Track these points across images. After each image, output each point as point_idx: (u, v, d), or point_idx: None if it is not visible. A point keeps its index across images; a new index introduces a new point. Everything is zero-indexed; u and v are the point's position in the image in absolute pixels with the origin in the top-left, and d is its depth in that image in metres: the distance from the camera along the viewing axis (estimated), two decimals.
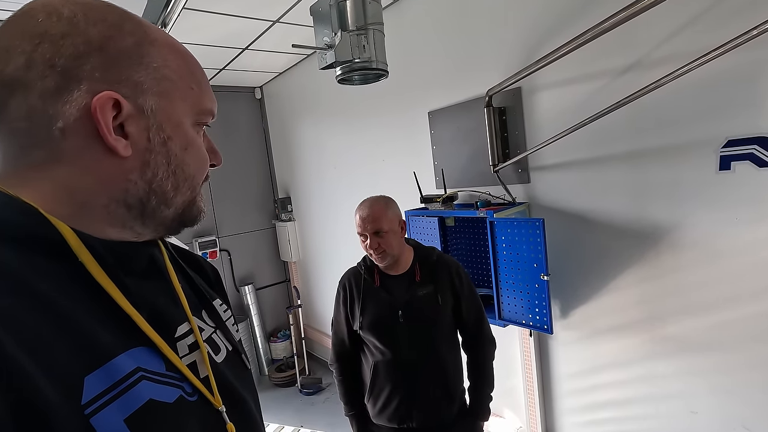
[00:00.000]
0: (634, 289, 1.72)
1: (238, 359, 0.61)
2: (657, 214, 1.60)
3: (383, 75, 1.37)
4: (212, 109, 0.55)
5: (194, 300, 0.59)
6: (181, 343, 0.51)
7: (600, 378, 1.91)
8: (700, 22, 1.40)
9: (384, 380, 1.49)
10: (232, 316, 0.68)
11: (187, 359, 0.50)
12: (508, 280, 1.87)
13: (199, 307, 0.59)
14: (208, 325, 0.59)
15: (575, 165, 1.82)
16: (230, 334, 0.62)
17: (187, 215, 0.53)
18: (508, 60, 1.97)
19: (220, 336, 0.60)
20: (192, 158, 0.52)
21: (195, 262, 0.69)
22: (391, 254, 1.47)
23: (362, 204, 1.50)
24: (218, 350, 0.58)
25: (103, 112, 0.43)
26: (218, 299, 0.66)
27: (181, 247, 0.69)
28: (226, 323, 0.64)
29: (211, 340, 0.57)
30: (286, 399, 3.72)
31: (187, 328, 0.53)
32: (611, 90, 1.64)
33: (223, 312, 0.65)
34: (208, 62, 3.29)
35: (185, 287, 0.59)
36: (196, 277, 0.65)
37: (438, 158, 2.44)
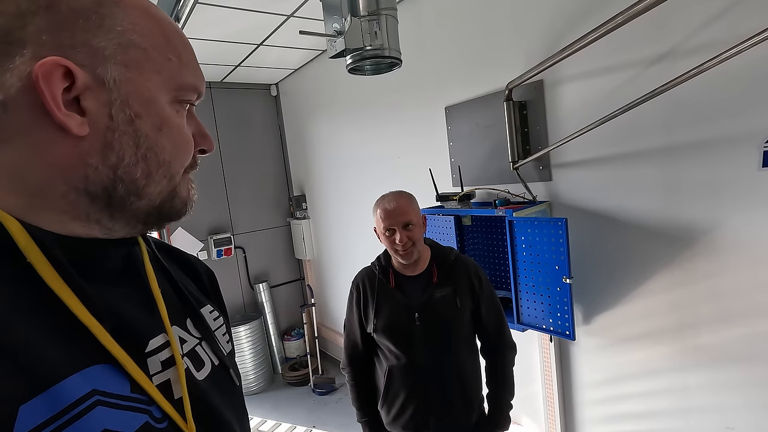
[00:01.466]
0: (664, 294, 1.61)
1: (225, 375, 0.55)
2: (691, 214, 1.48)
3: (396, 64, 1.29)
4: (196, 86, 0.48)
5: (178, 307, 0.53)
6: (153, 358, 0.44)
7: (625, 388, 1.80)
8: (740, 5, 1.29)
9: (399, 386, 1.42)
10: (224, 325, 0.62)
11: (160, 377, 0.44)
12: (528, 282, 1.78)
13: (182, 316, 0.53)
14: (192, 335, 0.53)
15: (601, 162, 1.71)
16: (218, 346, 0.56)
17: (166, 208, 0.46)
18: (529, 51, 1.88)
19: (206, 348, 0.53)
20: (168, 141, 0.44)
21: (186, 264, 0.64)
22: (418, 249, 1.40)
23: (383, 199, 1.42)
24: (201, 365, 0.51)
25: (49, 82, 0.36)
26: (209, 306, 0.60)
27: (171, 246, 0.63)
28: (216, 333, 0.57)
29: (195, 354, 0.51)
30: (299, 398, 3.69)
31: (162, 341, 0.46)
32: (641, 82, 1.53)
33: (213, 320, 0.59)
34: (223, 59, 3.28)
35: (168, 292, 0.52)
36: (184, 280, 0.59)
37: (455, 155, 2.36)
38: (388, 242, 1.40)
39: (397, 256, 1.41)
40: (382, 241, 1.44)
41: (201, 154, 0.51)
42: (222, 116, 3.96)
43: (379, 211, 1.40)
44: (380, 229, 1.40)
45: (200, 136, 0.50)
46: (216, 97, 3.93)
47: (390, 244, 1.39)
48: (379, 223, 1.40)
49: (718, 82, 1.35)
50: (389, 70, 1.34)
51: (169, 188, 0.46)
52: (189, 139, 0.48)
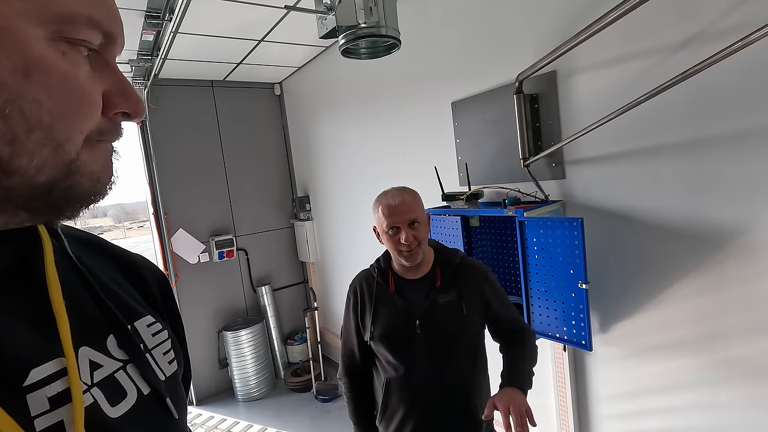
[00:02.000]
0: (689, 301, 1.47)
1: (157, 406, 0.44)
2: (721, 213, 1.35)
3: (395, 45, 1.18)
4: (93, 17, 0.35)
5: (96, 321, 0.42)
6: (36, 395, 0.33)
7: (645, 403, 1.66)
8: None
9: (398, 400, 1.30)
10: (169, 340, 0.50)
11: (47, 420, 0.33)
12: (540, 287, 1.65)
13: (101, 332, 0.42)
14: (113, 358, 0.42)
15: (619, 157, 1.58)
16: (151, 368, 0.45)
17: (62, 188, 0.35)
18: (540, 40, 1.76)
19: (132, 374, 0.43)
20: (46, 93, 0.33)
21: (126, 265, 0.53)
22: (423, 250, 1.28)
23: (385, 194, 1.30)
24: (120, 396, 0.40)
25: None
26: (149, 317, 0.49)
27: (103, 242, 0.52)
28: (154, 352, 0.47)
29: (111, 383, 0.40)
30: (301, 405, 3.59)
31: (54, 369, 0.35)
32: (664, 70, 1.40)
33: (151, 336, 0.48)
34: (225, 56, 3.21)
35: (83, 302, 0.42)
36: (117, 286, 0.48)
37: (462, 152, 2.24)
38: (391, 242, 1.27)
39: (400, 258, 1.28)
40: (383, 241, 1.32)
41: (125, 119, 0.40)
42: (225, 115, 3.89)
43: (381, 208, 1.27)
44: (382, 227, 1.28)
45: (119, 95, 0.38)
46: (218, 96, 3.86)
47: (393, 243, 1.26)
48: (381, 220, 1.27)
49: (750, 66, 1.22)
50: (387, 53, 1.23)
51: (59, 161, 0.34)
52: (87, 92, 0.36)
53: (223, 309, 3.92)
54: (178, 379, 0.50)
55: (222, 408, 3.69)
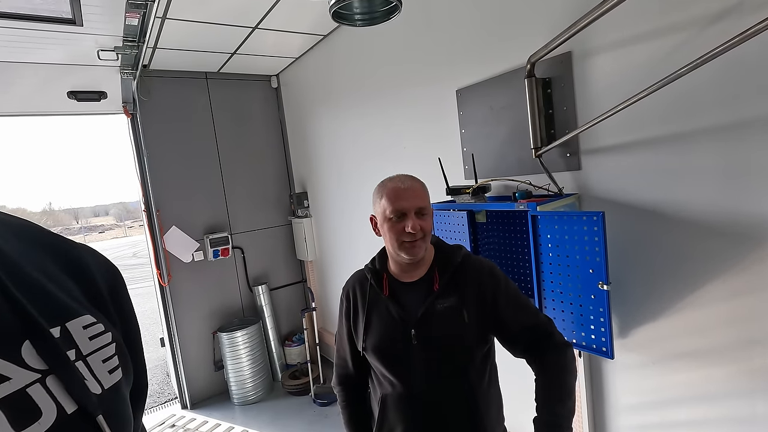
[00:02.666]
0: (723, 304, 1.32)
1: (85, 427, 0.37)
2: (762, 206, 1.20)
3: (396, 9, 1.03)
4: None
5: (7, 324, 0.36)
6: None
7: (670, 414, 1.51)
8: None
9: (395, 419, 1.15)
10: (113, 344, 0.43)
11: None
12: (555, 288, 1.51)
13: (11, 339, 0.36)
14: (27, 368, 0.35)
15: (643, 145, 1.43)
16: (79, 380, 0.38)
17: None
18: (553, 18, 1.61)
19: (53, 387, 0.36)
20: None
21: (68, 258, 0.46)
22: (426, 245, 1.13)
23: (391, 179, 1.14)
24: (33, 416, 0.34)
25: None
26: (87, 317, 0.42)
27: (44, 232, 0.46)
28: (89, 359, 0.40)
29: (20, 400, 0.34)
30: (299, 409, 3.45)
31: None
32: (697, 46, 1.26)
33: (88, 339, 0.41)
34: (218, 45, 3.06)
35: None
36: (52, 282, 0.42)
37: (467, 143, 2.10)
38: (393, 231, 1.10)
39: (401, 252, 1.12)
40: (382, 231, 1.15)
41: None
42: (219, 109, 3.75)
43: (386, 192, 1.11)
44: (384, 213, 1.11)
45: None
46: (213, 88, 3.72)
47: (396, 233, 1.10)
48: (384, 206, 1.10)
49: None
50: (386, 19, 1.08)
51: None
52: None
53: (218, 309, 3.79)
54: (121, 391, 0.43)
55: (217, 412, 3.56)
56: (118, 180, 44.36)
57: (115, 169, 65.91)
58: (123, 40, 2.49)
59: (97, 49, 2.58)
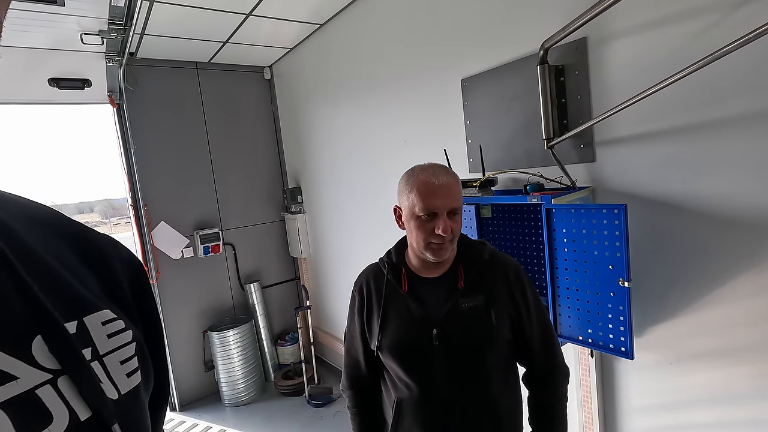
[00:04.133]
0: (748, 302, 1.26)
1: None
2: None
3: None
4: None
5: (18, 318, 0.33)
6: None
7: (689, 417, 1.46)
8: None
9: (411, 425, 1.07)
10: (134, 344, 0.40)
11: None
12: (570, 285, 1.44)
13: (21, 334, 0.32)
14: (38, 367, 0.32)
15: (664, 135, 1.37)
16: (94, 383, 0.34)
17: None
18: (568, 1, 1.53)
19: (64, 390, 0.33)
20: None
21: (90, 249, 0.43)
22: (453, 246, 1.05)
23: (424, 170, 1.02)
24: (41, 421, 0.30)
25: None
26: (106, 311, 0.39)
27: (67, 221, 0.43)
28: (106, 359, 0.37)
29: (29, 402, 0.30)
30: (292, 410, 3.36)
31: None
32: (723, 30, 1.19)
33: (107, 336, 0.38)
34: (209, 33, 2.94)
35: (2, 293, 0.33)
36: (70, 273, 0.39)
37: (472, 135, 2.02)
38: (421, 230, 1.00)
39: (426, 252, 1.03)
40: (408, 227, 1.05)
41: None
42: (210, 101, 3.62)
43: (418, 185, 1.00)
44: (413, 209, 1.00)
45: None
46: (203, 78, 3.58)
47: (424, 233, 1.00)
48: (414, 201, 1.00)
49: None
50: None
51: None
52: None
53: (208, 308, 3.66)
54: (139, 397, 0.40)
55: (207, 414, 3.44)
56: (104, 175, 42.66)
57: (100, 164, 64.23)
58: (108, 23, 2.35)
59: (80, 32, 2.44)
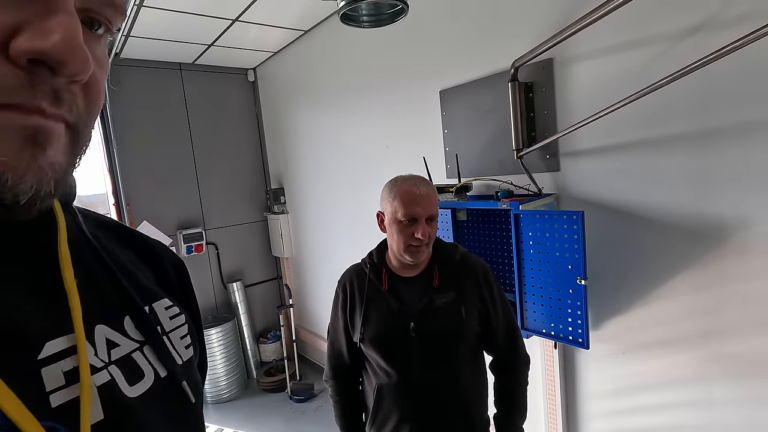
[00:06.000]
0: (687, 297, 1.44)
1: (175, 390, 0.43)
2: (722, 208, 1.32)
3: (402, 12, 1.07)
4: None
5: (111, 301, 0.42)
6: (51, 368, 0.32)
7: (638, 400, 1.63)
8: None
9: (390, 408, 1.20)
10: (186, 325, 0.49)
11: (64, 395, 0.32)
12: (535, 284, 1.59)
13: (117, 312, 0.42)
14: (129, 338, 0.41)
15: (618, 149, 1.53)
16: (168, 351, 0.44)
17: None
18: (537, 25, 1.69)
19: (148, 355, 0.42)
20: None
21: (143, 248, 0.52)
22: (429, 248, 1.19)
23: (406, 180, 1.16)
24: (138, 376, 0.40)
25: None
26: (165, 300, 0.48)
27: (120, 225, 0.51)
28: (171, 335, 0.46)
29: (129, 362, 0.40)
30: (274, 406, 3.44)
31: (67, 345, 0.34)
32: (668, 59, 1.36)
33: (168, 319, 0.47)
34: (195, 36, 2.99)
35: (98, 282, 0.41)
36: (136, 268, 0.48)
37: (449, 143, 2.16)
38: (402, 234, 1.13)
39: (405, 254, 1.16)
40: (390, 230, 1.18)
41: (53, 71, 0.27)
42: (194, 101, 3.66)
43: (400, 194, 1.13)
44: (396, 215, 1.13)
45: (29, 27, 0.26)
46: (187, 80, 3.62)
47: (404, 236, 1.13)
48: (397, 207, 1.13)
49: (758, 59, 1.18)
50: (391, 21, 1.12)
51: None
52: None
53: None
54: (194, 365, 0.49)
55: None
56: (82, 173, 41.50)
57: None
58: None
59: None
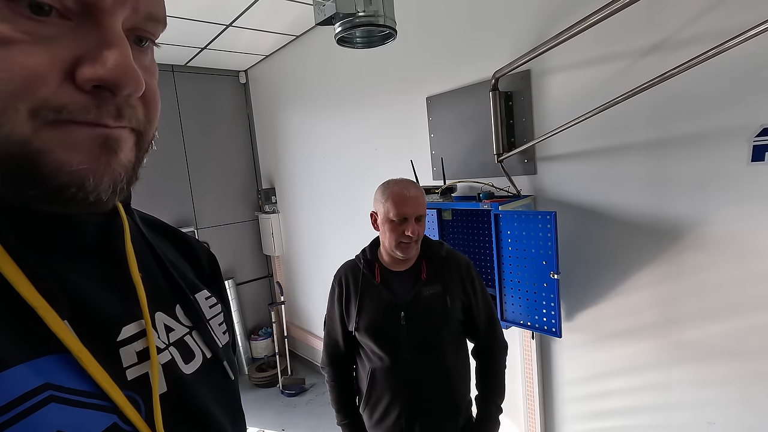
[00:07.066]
0: (649, 290, 1.59)
1: (219, 368, 0.50)
2: (679, 209, 1.47)
3: (391, 36, 1.19)
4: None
5: (166, 291, 0.48)
6: (127, 348, 0.39)
7: (607, 385, 1.78)
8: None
9: (382, 389, 1.32)
10: (222, 313, 0.56)
11: (137, 370, 0.39)
12: (513, 278, 1.73)
13: (171, 301, 0.48)
14: (181, 324, 0.47)
15: (588, 155, 1.68)
16: (212, 336, 0.50)
17: (13, 169, 0.30)
18: (516, 40, 1.82)
19: (197, 339, 0.48)
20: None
21: (183, 244, 0.58)
22: (419, 245, 1.32)
23: (397, 183, 1.28)
24: (191, 357, 0.46)
25: None
26: (205, 292, 0.54)
27: (164, 223, 0.58)
28: (211, 322, 0.52)
29: (183, 344, 0.46)
30: (266, 400, 3.53)
31: (138, 329, 0.40)
32: (631, 73, 1.50)
33: (208, 308, 0.53)
34: (188, 40, 3.06)
35: (154, 274, 0.47)
36: (178, 262, 0.54)
37: (436, 147, 2.28)
38: (394, 232, 1.26)
39: (397, 250, 1.29)
40: (382, 229, 1.30)
41: (112, 93, 0.33)
42: (186, 103, 3.72)
43: (392, 196, 1.25)
44: (388, 214, 1.25)
45: (90, 58, 0.31)
46: (179, 81, 3.68)
47: (397, 234, 1.26)
48: (389, 208, 1.25)
49: (710, 75, 1.33)
50: (382, 43, 1.23)
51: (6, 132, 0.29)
52: (12, 57, 0.28)
53: None
54: (230, 348, 0.56)
55: None
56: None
57: None
58: None
59: None
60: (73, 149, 0.32)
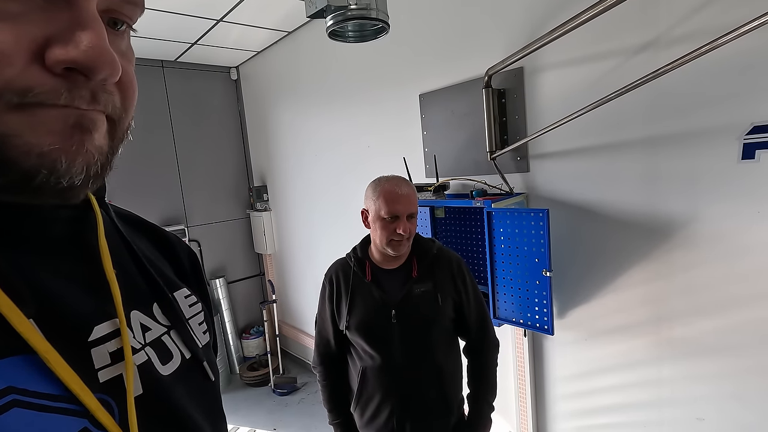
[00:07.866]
0: (640, 287, 1.60)
1: (197, 369, 0.48)
2: (670, 206, 1.47)
3: (383, 30, 1.17)
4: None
5: (142, 289, 0.46)
6: (99, 349, 0.37)
7: (599, 381, 1.79)
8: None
9: (373, 388, 1.31)
10: (203, 312, 0.54)
11: (110, 372, 0.37)
12: (506, 276, 1.72)
13: (147, 300, 0.46)
14: (159, 323, 0.46)
15: (580, 153, 1.68)
16: (190, 335, 0.48)
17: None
18: (509, 37, 1.81)
19: (175, 339, 0.46)
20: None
21: (161, 240, 0.56)
22: (410, 243, 1.30)
23: (389, 181, 1.26)
24: (168, 357, 0.44)
25: None
26: (185, 290, 0.52)
27: (142, 219, 0.56)
28: (190, 322, 0.50)
29: (160, 344, 0.44)
30: (258, 399, 3.51)
31: (111, 328, 0.38)
32: (624, 71, 1.50)
33: (188, 307, 0.52)
34: (178, 35, 3.02)
35: (129, 271, 0.45)
36: (156, 259, 0.52)
37: (429, 144, 2.27)
38: (385, 230, 1.24)
39: (388, 247, 1.27)
40: (373, 226, 1.28)
41: (85, 76, 0.31)
42: (176, 99, 3.67)
43: (384, 193, 1.23)
44: (379, 212, 1.24)
45: (61, 39, 0.29)
46: (169, 77, 3.63)
47: (387, 232, 1.24)
48: (380, 206, 1.23)
49: (701, 73, 1.34)
50: (374, 37, 1.22)
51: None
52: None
53: None
54: (210, 348, 0.54)
55: None
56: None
57: None
58: None
59: None
60: (42, 131, 0.30)
